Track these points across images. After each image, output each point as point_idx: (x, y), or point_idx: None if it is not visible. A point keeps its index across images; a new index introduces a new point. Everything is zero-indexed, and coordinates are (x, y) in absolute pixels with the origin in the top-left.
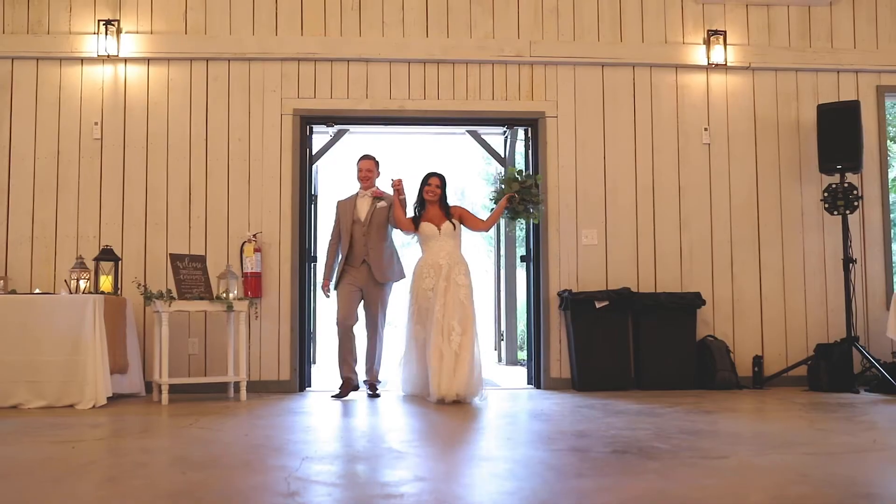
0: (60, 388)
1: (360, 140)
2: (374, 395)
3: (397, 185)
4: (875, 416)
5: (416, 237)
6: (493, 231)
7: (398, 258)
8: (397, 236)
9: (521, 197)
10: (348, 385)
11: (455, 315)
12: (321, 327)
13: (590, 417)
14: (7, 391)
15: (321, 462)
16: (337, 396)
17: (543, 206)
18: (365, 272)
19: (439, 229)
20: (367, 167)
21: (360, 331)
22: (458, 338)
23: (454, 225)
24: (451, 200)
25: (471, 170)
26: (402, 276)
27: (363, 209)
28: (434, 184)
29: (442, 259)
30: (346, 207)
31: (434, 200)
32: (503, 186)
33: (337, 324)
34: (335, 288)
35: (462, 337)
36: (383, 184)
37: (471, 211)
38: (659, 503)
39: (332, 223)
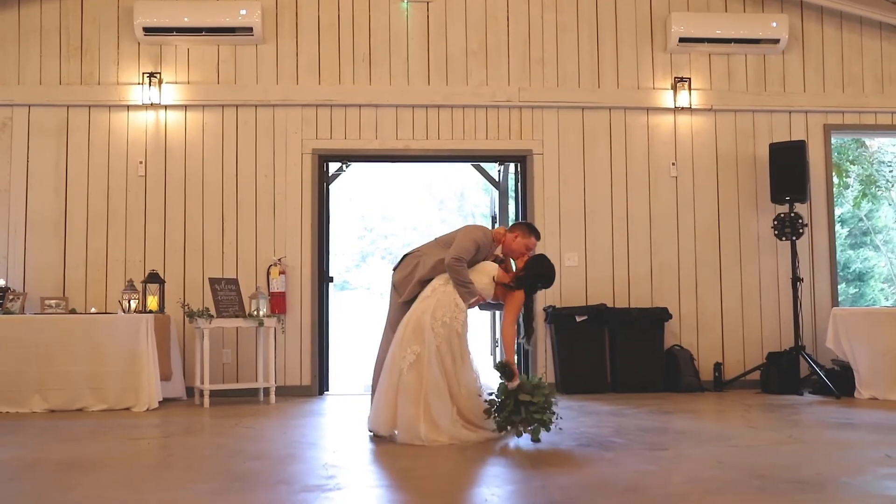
0: (120, 393)
1: (366, 166)
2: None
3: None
4: (805, 415)
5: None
6: None
7: None
8: None
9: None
10: None
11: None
12: (335, 337)
13: (566, 417)
14: (74, 396)
15: (349, 453)
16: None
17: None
18: None
19: None
20: None
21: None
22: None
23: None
24: (453, 205)
25: (468, 179)
26: None
27: None
28: None
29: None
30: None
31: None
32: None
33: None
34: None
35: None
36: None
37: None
38: (605, 483)
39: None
